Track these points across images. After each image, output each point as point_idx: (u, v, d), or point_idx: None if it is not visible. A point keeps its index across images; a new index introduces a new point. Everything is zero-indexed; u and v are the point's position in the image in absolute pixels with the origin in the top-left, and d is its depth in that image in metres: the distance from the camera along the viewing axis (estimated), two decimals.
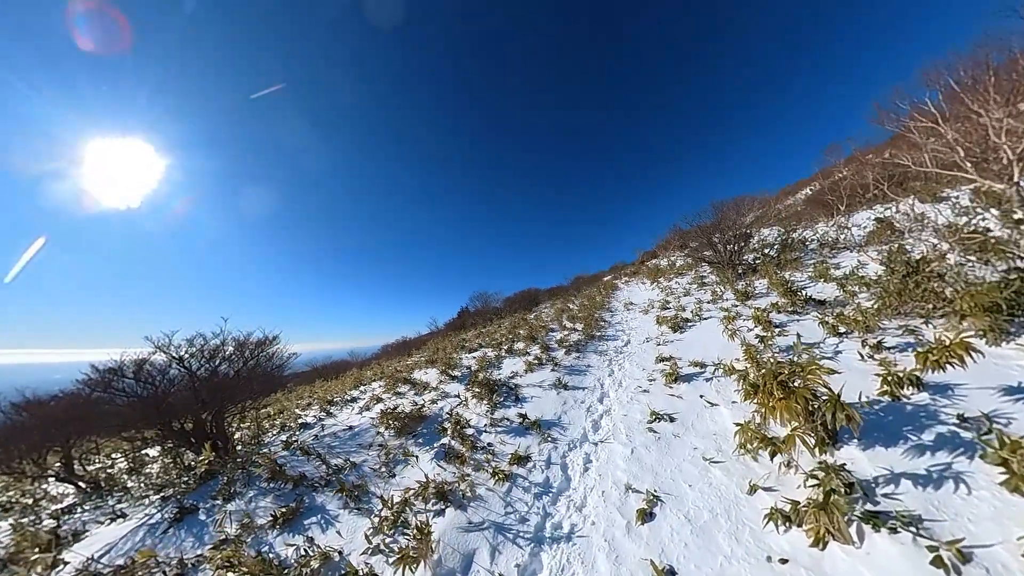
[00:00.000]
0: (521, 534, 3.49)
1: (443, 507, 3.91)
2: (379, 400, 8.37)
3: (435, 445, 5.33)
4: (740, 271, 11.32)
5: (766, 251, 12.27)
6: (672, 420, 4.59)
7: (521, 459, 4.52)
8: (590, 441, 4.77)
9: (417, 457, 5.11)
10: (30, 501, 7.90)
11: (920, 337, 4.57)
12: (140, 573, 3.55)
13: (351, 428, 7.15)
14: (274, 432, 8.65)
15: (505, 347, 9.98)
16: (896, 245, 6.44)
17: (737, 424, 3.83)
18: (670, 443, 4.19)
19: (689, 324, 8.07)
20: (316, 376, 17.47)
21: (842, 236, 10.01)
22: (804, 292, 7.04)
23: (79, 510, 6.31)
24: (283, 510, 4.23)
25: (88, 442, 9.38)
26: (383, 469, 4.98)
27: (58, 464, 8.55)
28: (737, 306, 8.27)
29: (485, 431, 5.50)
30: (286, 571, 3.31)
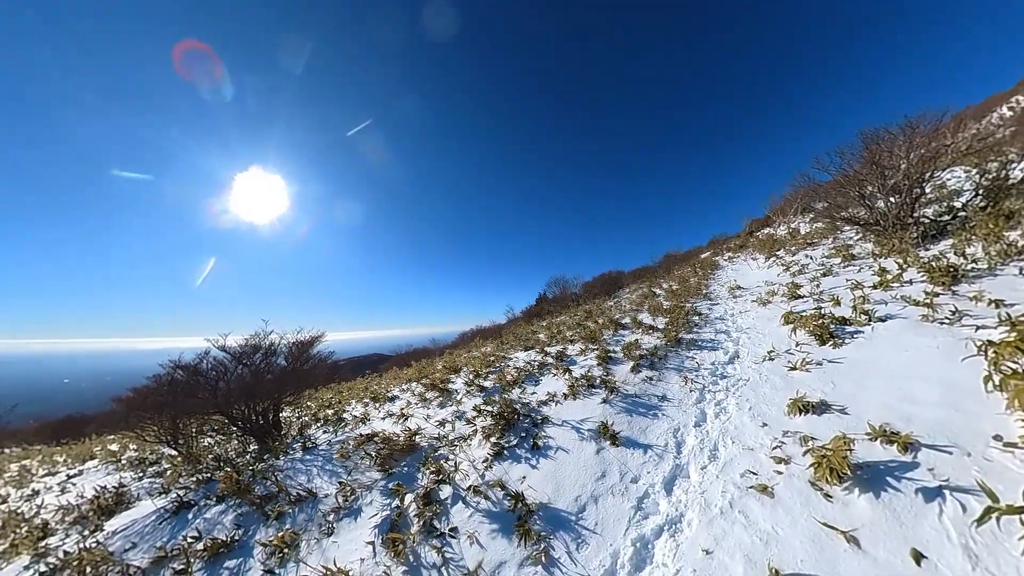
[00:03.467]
0: None
1: None
2: (399, 416, 6.76)
3: (392, 504, 3.48)
4: (917, 234, 6.77)
5: (957, 202, 7.25)
6: None
7: None
8: None
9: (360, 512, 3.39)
10: (154, 458, 8.38)
11: None
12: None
13: (365, 436, 5.70)
14: (319, 424, 7.85)
15: (556, 348, 7.48)
16: None
17: None
18: None
19: (850, 331, 4.46)
20: (398, 363, 17.27)
21: None
22: None
23: (163, 476, 6.41)
24: (220, 539, 3.35)
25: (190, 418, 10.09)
26: (331, 517, 3.52)
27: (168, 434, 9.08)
28: (938, 293, 4.38)
29: (465, 498, 3.35)
30: None
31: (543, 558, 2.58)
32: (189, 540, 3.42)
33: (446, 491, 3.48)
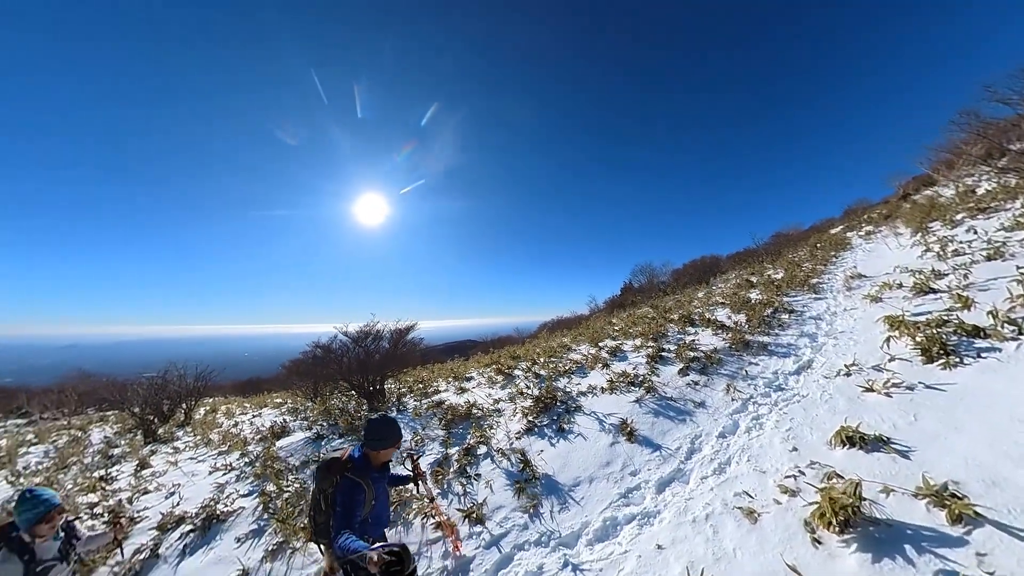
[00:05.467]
0: None
1: None
2: (461, 389, 7.47)
3: (444, 452, 4.39)
4: None
5: None
6: None
7: (475, 517, 3.10)
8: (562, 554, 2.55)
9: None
10: (301, 408, 11.02)
11: None
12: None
13: (436, 403, 6.72)
14: (413, 394, 9.19)
15: (614, 343, 7.19)
16: None
17: None
18: None
19: (981, 347, 3.24)
20: (484, 348, 18.45)
21: None
22: None
23: (308, 419, 8.45)
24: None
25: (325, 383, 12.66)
26: (404, 454, 4.65)
27: (311, 393, 11.59)
28: None
29: (493, 456, 4.03)
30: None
31: (531, 510, 3.09)
32: (321, 454, 4.97)
33: (482, 449, 4.21)
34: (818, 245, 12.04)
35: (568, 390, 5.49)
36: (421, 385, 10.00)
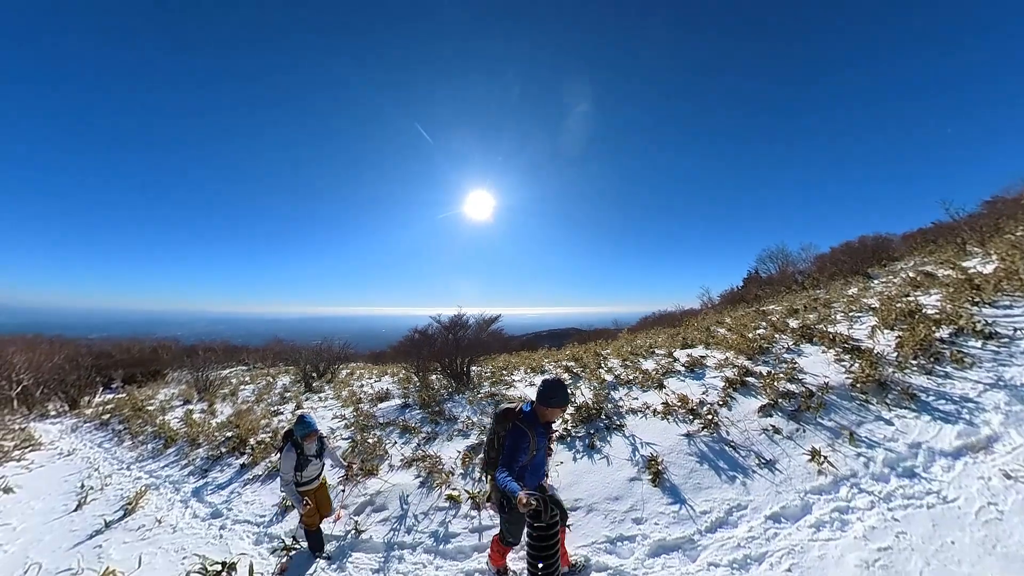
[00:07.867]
0: None
1: None
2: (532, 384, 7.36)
3: (479, 439, 4.86)
4: None
5: None
6: None
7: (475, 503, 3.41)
8: None
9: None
10: (406, 378, 12.77)
11: None
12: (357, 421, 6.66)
13: (488, 395, 7.00)
14: (492, 379, 9.64)
15: (696, 355, 5.96)
16: None
17: None
18: None
19: None
20: (580, 338, 17.78)
21: None
22: None
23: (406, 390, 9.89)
24: (411, 426, 5.87)
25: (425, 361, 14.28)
26: (455, 434, 5.33)
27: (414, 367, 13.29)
28: None
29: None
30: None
31: None
32: (400, 421, 6.16)
33: None
34: None
35: (620, 403, 4.93)
36: (505, 372, 10.34)
